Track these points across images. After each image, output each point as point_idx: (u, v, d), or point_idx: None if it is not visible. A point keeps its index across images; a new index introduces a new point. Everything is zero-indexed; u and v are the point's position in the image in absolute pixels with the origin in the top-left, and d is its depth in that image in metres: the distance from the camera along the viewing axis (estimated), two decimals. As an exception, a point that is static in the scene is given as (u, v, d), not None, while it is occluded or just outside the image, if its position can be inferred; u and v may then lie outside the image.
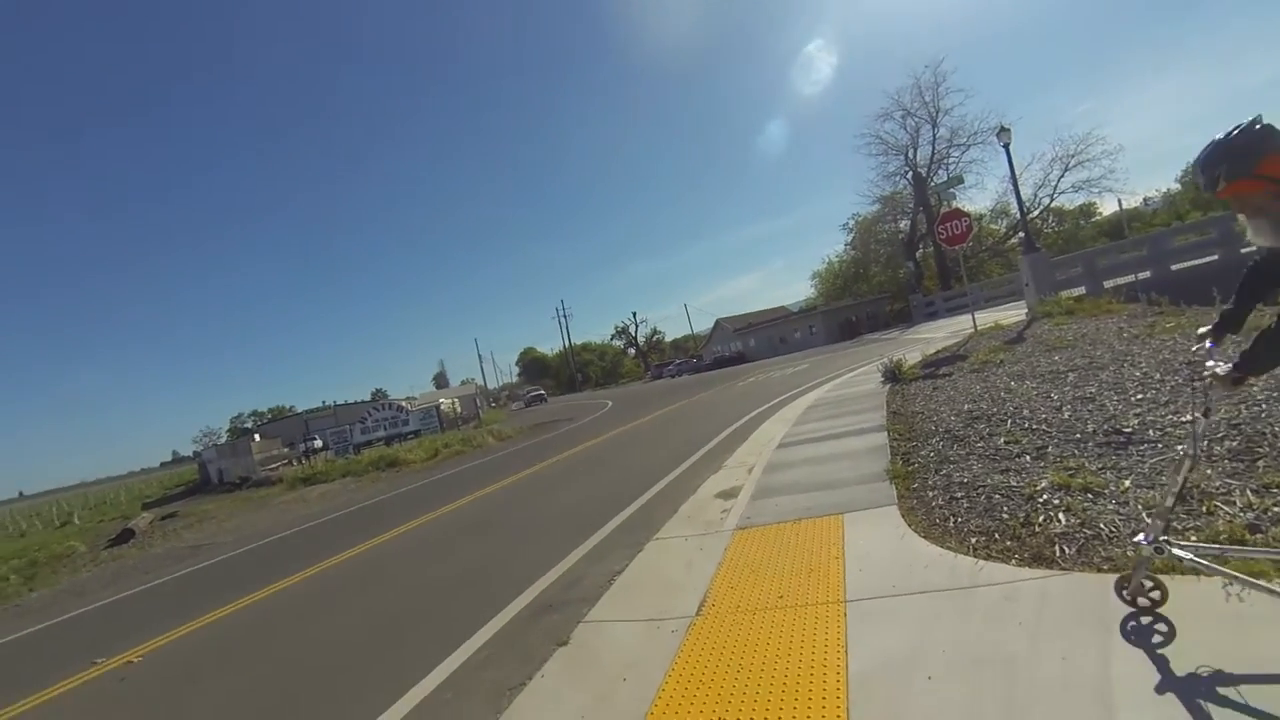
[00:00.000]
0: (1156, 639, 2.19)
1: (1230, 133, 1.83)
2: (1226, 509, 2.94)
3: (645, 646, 3.15)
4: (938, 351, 12.68)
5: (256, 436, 38.62)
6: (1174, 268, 15.95)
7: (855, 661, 2.55)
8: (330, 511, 12.66)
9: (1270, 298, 2.25)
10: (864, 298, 44.89)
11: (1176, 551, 2.19)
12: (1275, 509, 2.83)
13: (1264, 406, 4.16)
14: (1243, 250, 15.52)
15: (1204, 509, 3.02)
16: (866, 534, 3.87)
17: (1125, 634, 2.27)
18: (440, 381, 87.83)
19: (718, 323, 61.76)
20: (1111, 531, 3.07)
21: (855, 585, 3.21)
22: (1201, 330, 2.24)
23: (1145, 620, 2.30)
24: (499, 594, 4.59)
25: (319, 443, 33.84)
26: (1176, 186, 60.68)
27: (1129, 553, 2.82)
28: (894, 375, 10.03)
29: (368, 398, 66.73)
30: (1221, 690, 1.88)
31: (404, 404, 35.40)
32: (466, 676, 3.45)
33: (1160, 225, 42.19)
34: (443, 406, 34.42)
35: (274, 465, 30.26)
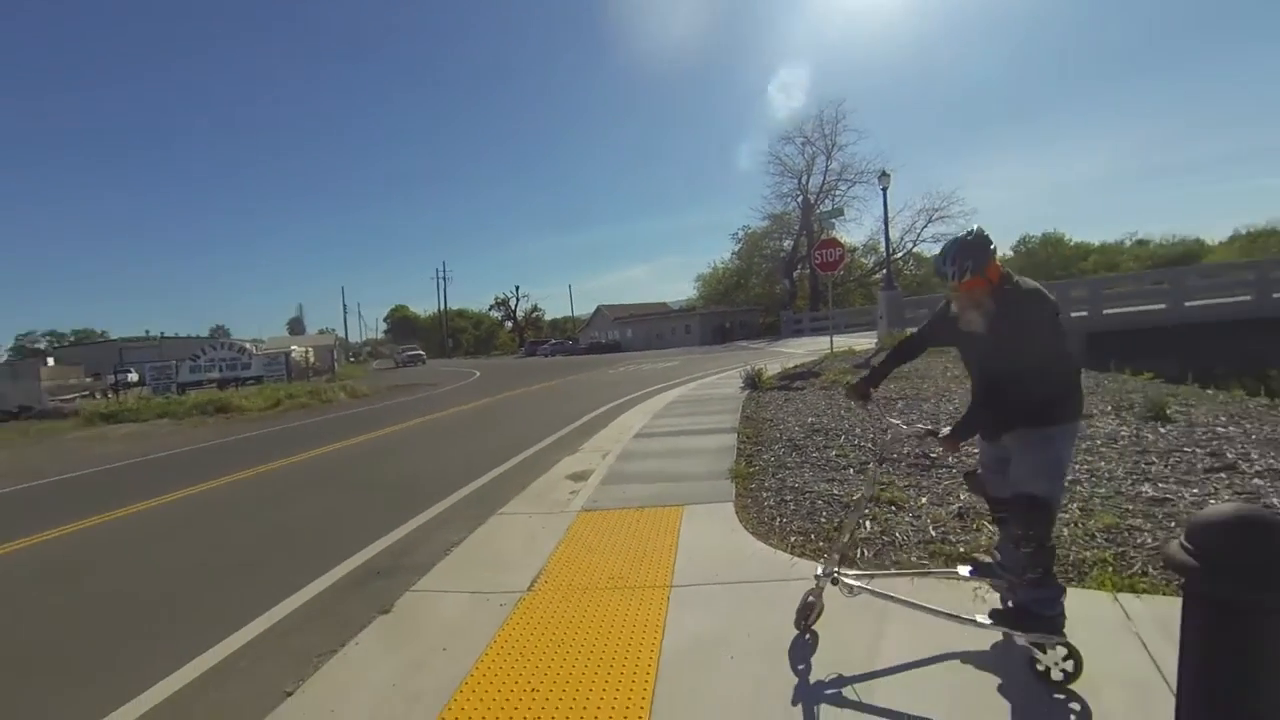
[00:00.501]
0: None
1: (968, 235, 2.24)
2: (991, 528, 3.47)
3: (470, 618, 3.13)
4: (796, 366, 13.70)
5: (50, 360, 33.02)
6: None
7: (670, 641, 2.71)
8: (136, 454, 11.17)
9: (908, 361, 2.87)
10: (740, 306, 47.33)
11: (846, 580, 2.58)
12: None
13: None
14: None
15: (975, 526, 3.54)
16: (701, 526, 4.11)
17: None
18: (295, 327, 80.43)
19: (599, 309, 62.13)
20: (904, 539, 3.50)
21: (683, 572, 3.40)
22: (855, 382, 2.76)
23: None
24: (324, 557, 4.32)
25: (134, 376, 29.71)
26: (1010, 254, 69.98)
27: (912, 558, 3.25)
28: (754, 383, 10.68)
29: (205, 334, 59.62)
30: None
31: (248, 346, 32.05)
32: (270, 642, 3.21)
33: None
34: (294, 354, 31.62)
35: (70, 396, 26.07)
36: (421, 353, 55.36)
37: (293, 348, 33.56)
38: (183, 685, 2.87)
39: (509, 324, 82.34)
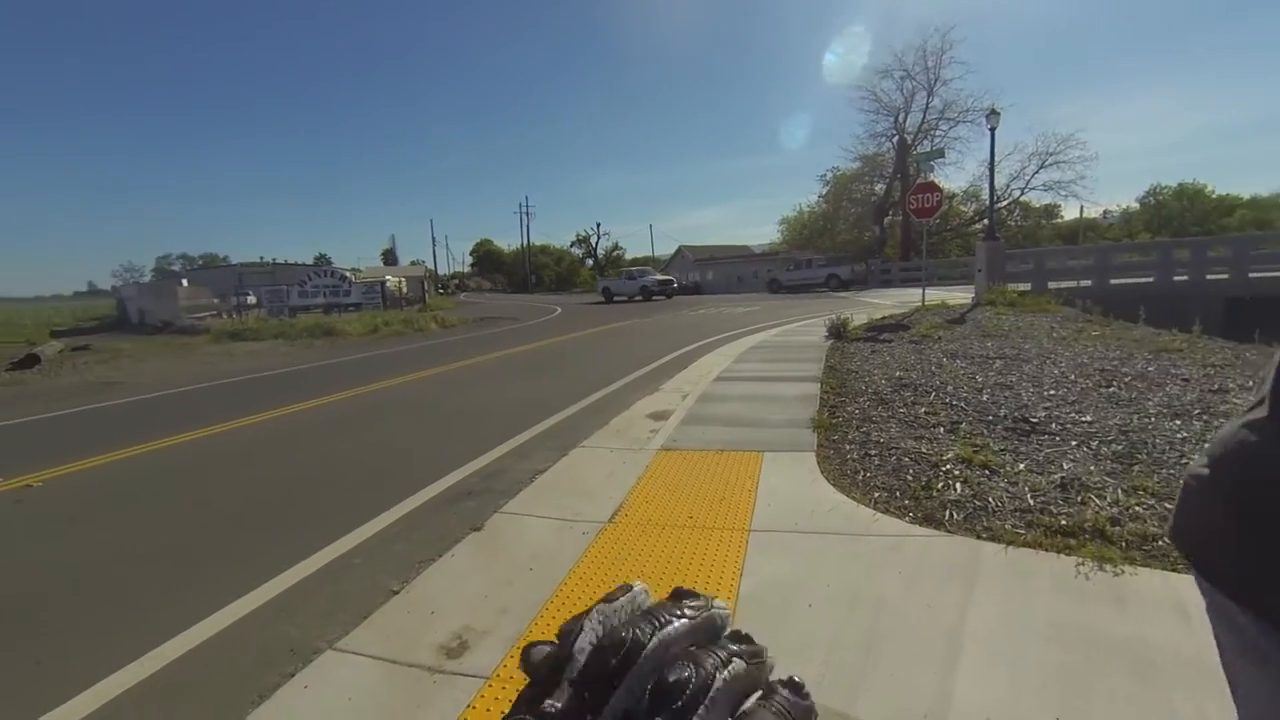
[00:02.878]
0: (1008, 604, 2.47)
1: None
2: (1098, 501, 3.26)
3: (555, 542, 3.30)
4: (884, 318, 13.09)
5: (184, 281, 36.40)
6: (1112, 282, 16.77)
7: (747, 582, 2.76)
8: (258, 370, 12.30)
9: None
10: (826, 252, 45.39)
11: None
12: (1136, 507, 3.16)
13: (1153, 419, 4.55)
14: (1176, 279, 16.44)
15: (1080, 499, 3.34)
16: (781, 473, 4.09)
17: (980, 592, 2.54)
18: (389, 259, 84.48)
19: (680, 249, 61.32)
20: (997, 506, 3.35)
21: (762, 517, 3.42)
22: None
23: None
24: (420, 476, 4.65)
25: (252, 299, 32.29)
26: (1135, 205, 62.83)
27: (1007, 526, 3.11)
28: (838, 333, 10.33)
29: (310, 262, 63.69)
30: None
31: (348, 274, 33.98)
32: (377, 547, 3.54)
33: (1111, 240, 43.94)
34: (389, 284, 33.27)
35: (201, 315, 28.79)
36: (672, 280, 46.72)
37: (387, 278, 35.28)
38: (305, 576, 3.23)
39: (589, 261, 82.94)
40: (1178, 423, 4.44)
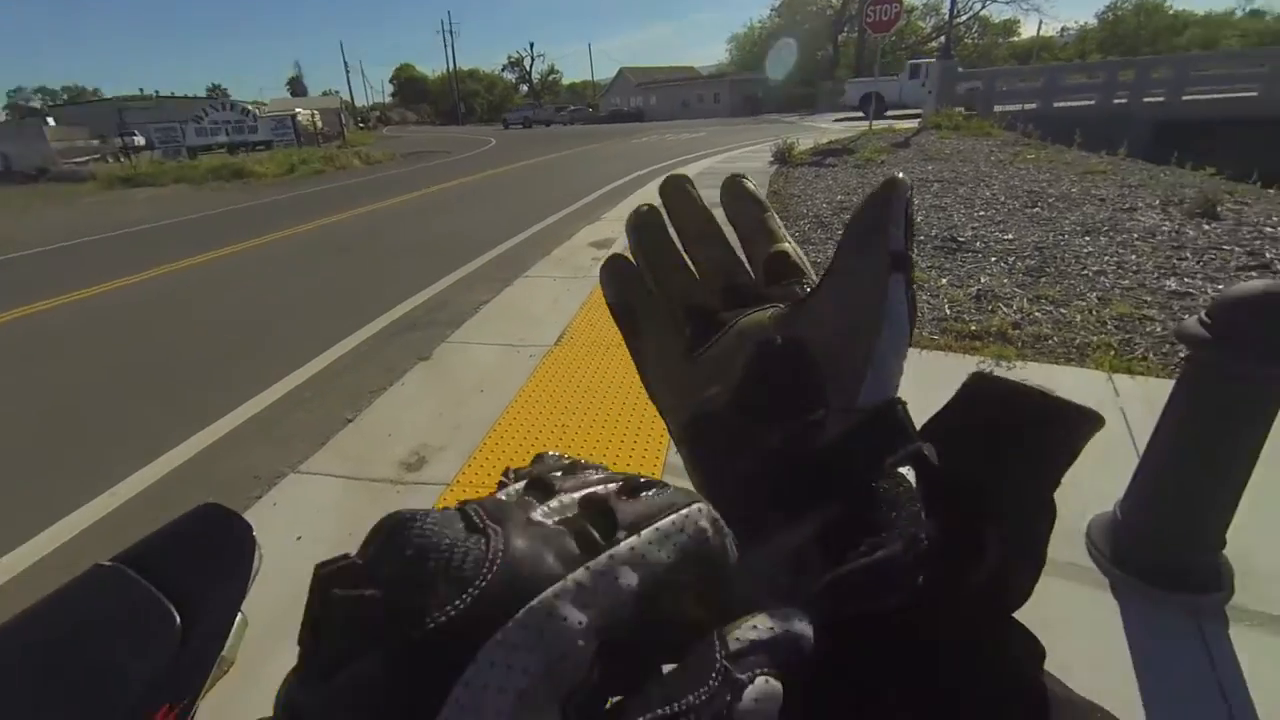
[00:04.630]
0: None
1: None
2: (1005, 309, 3.56)
3: (503, 366, 3.42)
4: (830, 142, 12.83)
5: (50, 120, 31.54)
6: (1056, 105, 16.60)
7: (685, 392, 2.97)
8: (164, 217, 11.24)
9: None
10: (775, 73, 42.70)
11: None
12: (1036, 313, 3.47)
13: (1066, 237, 4.83)
14: (1116, 100, 16.37)
15: (990, 308, 3.62)
16: (720, 296, 4.23)
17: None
18: (296, 89, 74.88)
19: (621, 72, 56.60)
20: (918, 316, 3.61)
21: (700, 335, 3.59)
22: None
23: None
24: (361, 312, 4.58)
25: (140, 139, 28.53)
26: (1094, 23, 60.55)
27: (924, 334, 3.38)
28: (783, 158, 10.13)
29: (202, 95, 55.83)
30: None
31: (250, 108, 30.11)
32: (326, 381, 3.56)
33: (1064, 60, 42.76)
34: (300, 118, 29.81)
35: (81, 159, 25.39)
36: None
37: (297, 110, 31.40)
38: (257, 412, 3.27)
39: (524, 88, 75.92)
40: (1086, 239, 4.73)
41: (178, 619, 0.28)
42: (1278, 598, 1.64)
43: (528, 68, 74.62)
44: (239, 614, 0.33)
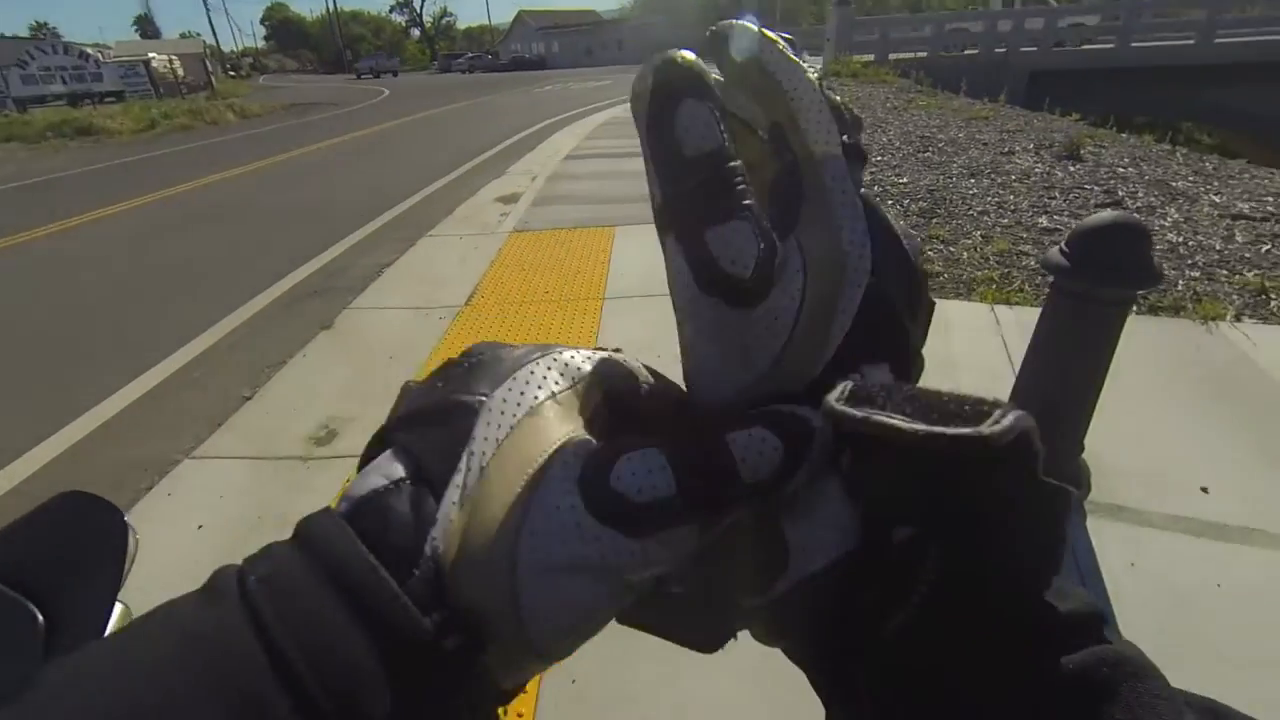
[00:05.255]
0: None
1: None
2: (901, 251, 3.77)
3: (412, 330, 3.29)
4: (735, 92, 12.84)
5: None
6: (943, 54, 17.35)
7: (601, 342, 2.98)
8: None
9: None
10: (683, 19, 41.98)
11: None
12: (926, 252, 3.71)
13: (954, 180, 5.14)
14: (996, 50, 17.30)
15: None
16: (634, 245, 4.23)
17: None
18: (147, 30, 65.86)
19: (520, 15, 53.80)
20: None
21: (615, 286, 3.60)
22: None
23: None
24: (251, 281, 4.23)
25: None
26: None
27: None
28: (690, 108, 10.06)
29: (25, 35, 48.05)
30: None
31: (90, 51, 26.31)
32: (217, 359, 3.29)
33: (953, 10, 44.45)
34: (155, 64, 26.41)
35: None
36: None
37: (151, 55, 27.75)
38: (136, 398, 2.98)
39: (416, 32, 70.70)
40: (972, 181, 5.06)
41: (39, 617, 0.26)
42: (1120, 490, 1.90)
43: (418, 9, 69.32)
44: (117, 603, 0.31)
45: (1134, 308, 1.97)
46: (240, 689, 0.15)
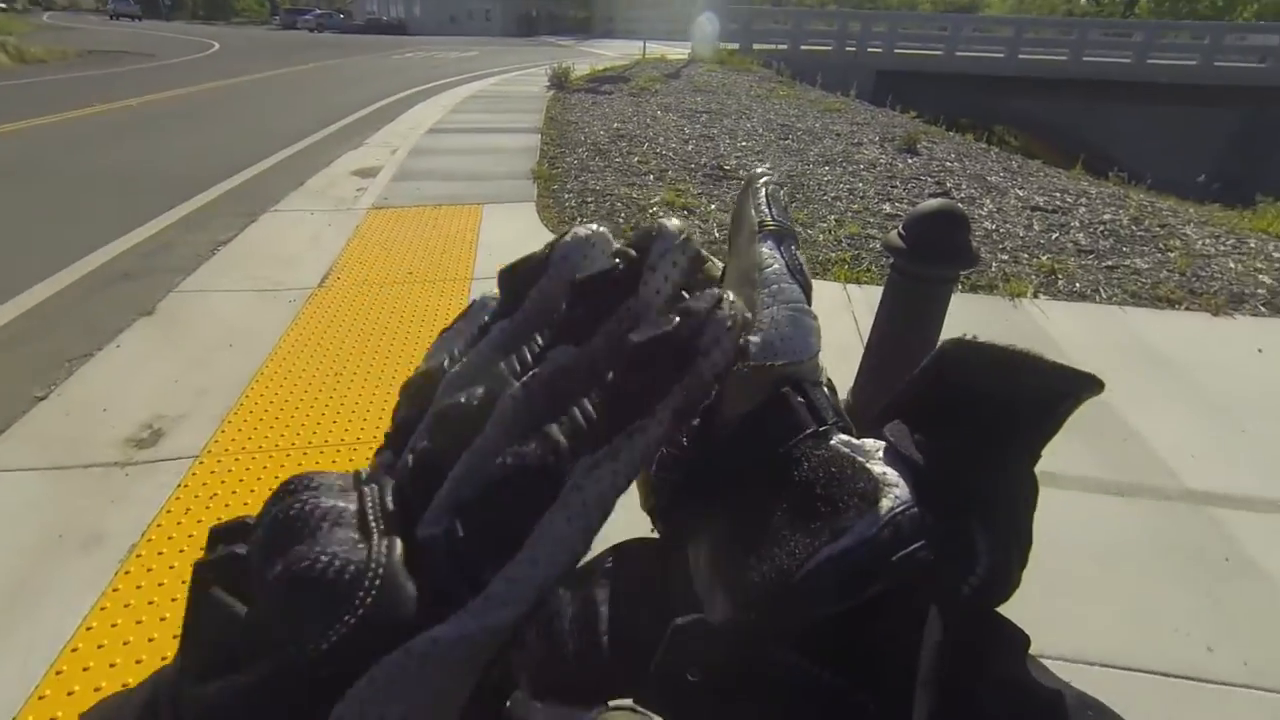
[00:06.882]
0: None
1: None
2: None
3: (257, 314, 2.96)
4: (605, 69, 12.80)
5: None
6: (802, 48, 18.48)
7: (473, 328, 2.86)
8: None
9: None
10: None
11: None
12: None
13: (811, 166, 5.49)
14: (847, 48, 18.70)
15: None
16: (502, 224, 4.10)
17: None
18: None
19: (377, -26, 49.57)
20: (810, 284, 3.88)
21: (484, 266, 3.46)
22: None
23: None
24: (46, 261, 3.56)
25: None
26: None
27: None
28: (560, 83, 9.90)
29: None
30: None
31: None
32: (-4, 349, 2.76)
33: (813, 4, 47.10)
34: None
35: None
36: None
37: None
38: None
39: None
40: (826, 169, 5.44)
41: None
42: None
43: (253, -45, 61.53)
44: None
45: (958, 286, 2.22)
46: None
